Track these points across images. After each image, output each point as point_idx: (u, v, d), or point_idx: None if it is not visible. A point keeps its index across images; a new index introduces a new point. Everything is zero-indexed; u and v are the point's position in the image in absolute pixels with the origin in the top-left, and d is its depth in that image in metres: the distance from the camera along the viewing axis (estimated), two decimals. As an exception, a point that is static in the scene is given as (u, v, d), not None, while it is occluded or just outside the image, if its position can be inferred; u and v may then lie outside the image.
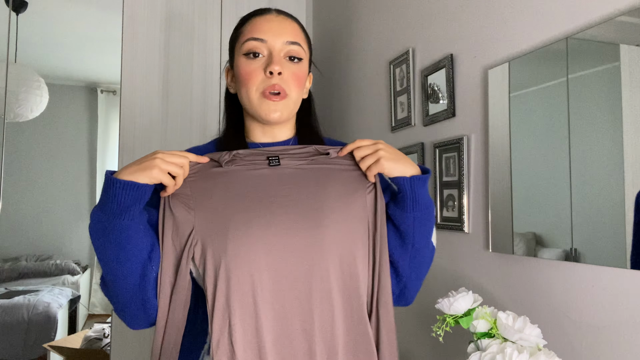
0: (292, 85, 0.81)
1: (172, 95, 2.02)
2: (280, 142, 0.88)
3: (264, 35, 0.81)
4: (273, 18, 0.83)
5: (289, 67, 0.81)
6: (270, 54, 0.81)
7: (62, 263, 4.73)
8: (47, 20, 3.57)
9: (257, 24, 0.83)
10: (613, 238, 0.89)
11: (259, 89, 0.80)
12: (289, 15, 0.87)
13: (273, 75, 0.79)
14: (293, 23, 0.85)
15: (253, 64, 0.81)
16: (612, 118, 0.89)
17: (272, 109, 0.80)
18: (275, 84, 0.79)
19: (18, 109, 3.12)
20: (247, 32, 0.83)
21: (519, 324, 0.92)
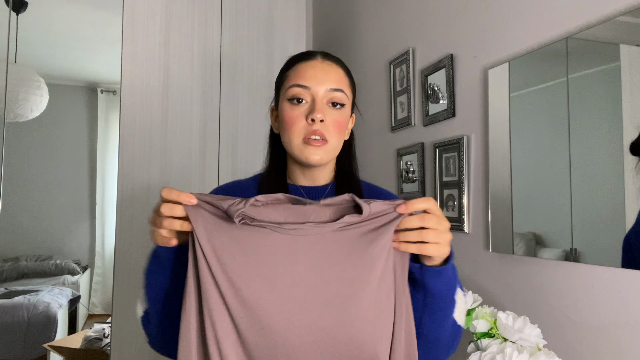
0: (332, 131, 0.83)
1: (172, 95, 2.02)
2: (320, 187, 0.90)
3: (308, 82, 0.82)
4: (318, 64, 0.84)
5: (330, 114, 0.83)
6: (313, 101, 0.82)
7: (62, 263, 4.73)
8: (47, 20, 3.57)
9: (301, 69, 0.84)
10: (613, 238, 0.89)
11: (301, 135, 0.82)
12: (334, 59, 0.87)
13: (315, 122, 0.81)
14: (338, 69, 0.86)
15: (296, 110, 0.82)
16: (612, 118, 0.89)
17: (313, 152, 0.82)
18: (316, 130, 0.81)
19: (18, 109, 3.12)
20: (291, 78, 0.85)
21: (519, 324, 0.93)
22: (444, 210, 1.41)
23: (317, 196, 0.89)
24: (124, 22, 1.97)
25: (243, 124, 2.13)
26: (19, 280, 4.44)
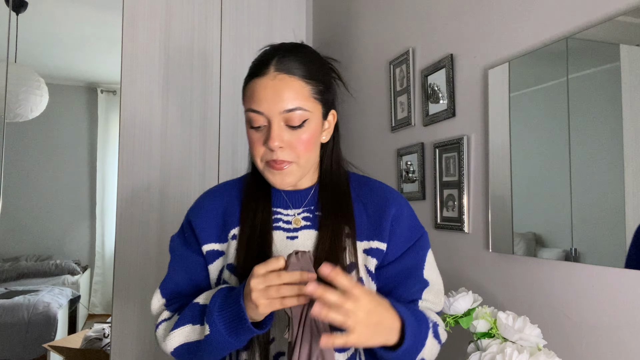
0: (298, 152, 0.78)
1: (172, 95, 2.02)
2: (303, 190, 0.87)
3: (260, 107, 0.76)
4: (269, 83, 0.76)
5: (290, 136, 0.77)
6: (269, 126, 0.77)
7: (62, 263, 4.73)
8: (47, 20, 3.57)
9: (254, 90, 0.78)
10: (613, 238, 0.89)
11: (263, 161, 0.79)
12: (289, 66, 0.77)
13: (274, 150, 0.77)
14: (292, 81, 0.76)
15: (255, 134, 0.79)
16: (612, 118, 0.89)
17: (279, 177, 0.79)
18: (276, 159, 0.77)
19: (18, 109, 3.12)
20: (247, 98, 0.80)
21: (519, 324, 0.93)
22: (444, 210, 1.41)
23: (300, 201, 0.86)
24: (124, 22, 1.97)
25: (243, 124, 2.12)
26: (19, 280, 4.45)
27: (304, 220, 0.85)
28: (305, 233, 0.84)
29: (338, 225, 0.82)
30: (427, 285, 0.86)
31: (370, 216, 0.85)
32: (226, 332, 0.72)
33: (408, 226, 0.87)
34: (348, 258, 0.81)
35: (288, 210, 0.86)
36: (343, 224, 0.82)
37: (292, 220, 0.85)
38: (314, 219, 0.85)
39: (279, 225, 0.85)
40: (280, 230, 0.84)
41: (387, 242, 0.84)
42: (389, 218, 0.85)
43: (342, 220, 0.82)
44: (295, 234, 0.84)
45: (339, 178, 0.88)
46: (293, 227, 0.84)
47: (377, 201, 0.87)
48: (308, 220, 0.85)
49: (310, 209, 0.86)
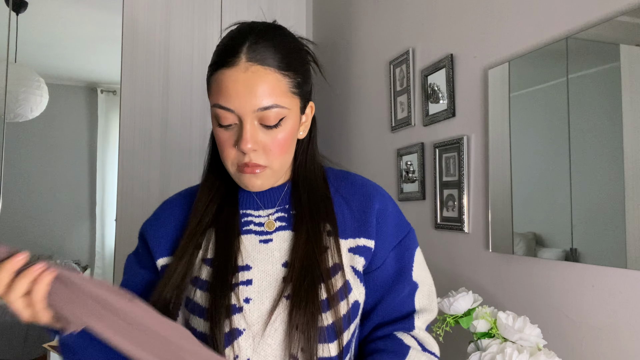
0: (272, 155, 0.69)
1: (172, 95, 2.02)
2: (275, 188, 0.78)
3: (231, 104, 0.66)
4: (240, 75, 0.65)
5: (264, 136, 0.68)
6: (240, 126, 0.67)
7: (62, 263, 4.72)
8: (47, 20, 3.57)
9: (222, 84, 0.66)
10: (613, 238, 0.89)
11: (234, 164, 0.70)
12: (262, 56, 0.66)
13: (246, 153, 0.67)
14: (266, 73, 0.66)
15: (225, 134, 0.69)
16: (612, 118, 0.89)
17: (252, 181, 0.70)
18: (248, 162, 0.68)
19: (18, 109, 3.12)
20: (214, 92, 0.68)
21: (519, 324, 0.93)
22: (444, 210, 1.41)
23: (272, 200, 0.77)
24: (124, 22, 1.97)
25: (243, 124, 2.12)
26: (19, 280, 4.44)
27: (278, 221, 0.76)
28: (281, 235, 0.74)
29: (316, 223, 0.73)
30: (416, 287, 0.78)
31: (353, 211, 0.76)
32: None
33: (394, 223, 0.78)
34: (331, 259, 0.72)
35: (260, 212, 0.77)
36: (322, 221, 0.73)
37: (264, 222, 0.76)
38: (289, 219, 0.76)
39: (250, 229, 0.75)
40: (252, 234, 0.75)
41: (374, 240, 0.75)
42: (374, 213, 0.76)
43: (321, 217, 0.74)
44: (269, 237, 0.74)
45: (314, 173, 0.79)
46: (266, 229, 0.75)
47: (359, 195, 0.78)
48: (283, 220, 0.76)
49: (285, 208, 0.77)
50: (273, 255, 0.73)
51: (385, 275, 0.77)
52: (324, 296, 0.69)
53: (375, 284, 0.76)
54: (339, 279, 0.71)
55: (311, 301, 0.68)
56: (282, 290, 0.70)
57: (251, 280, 0.71)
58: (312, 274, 0.70)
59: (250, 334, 0.68)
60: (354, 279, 0.74)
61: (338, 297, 0.70)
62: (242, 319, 0.69)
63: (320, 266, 0.70)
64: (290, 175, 0.80)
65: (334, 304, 0.69)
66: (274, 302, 0.69)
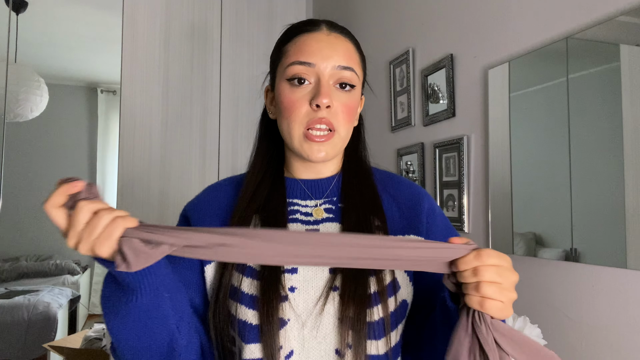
0: (341, 119, 0.70)
1: (172, 95, 2.02)
2: (324, 179, 0.77)
3: (312, 59, 0.69)
4: (323, 37, 0.71)
5: (338, 97, 0.70)
6: (319, 82, 0.69)
7: (62, 263, 4.72)
8: (47, 20, 3.57)
9: (304, 43, 0.70)
10: (613, 238, 0.89)
11: (303, 123, 0.69)
12: (342, 30, 0.74)
13: (320, 108, 0.68)
14: (347, 42, 0.72)
15: (297, 93, 0.69)
16: (612, 118, 0.89)
17: (316, 149, 0.70)
18: (322, 118, 0.68)
19: (18, 109, 3.12)
20: (291, 53, 0.71)
21: (519, 324, 0.93)
22: (444, 210, 1.41)
23: (320, 191, 0.77)
24: (124, 22, 1.97)
25: (243, 124, 2.12)
26: (19, 280, 4.44)
27: (325, 212, 0.74)
28: (328, 226, 0.73)
29: (365, 216, 0.72)
30: None
31: (402, 209, 0.76)
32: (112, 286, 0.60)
33: (443, 223, 0.78)
34: None
35: (307, 201, 0.76)
36: (371, 215, 0.73)
37: (312, 211, 0.74)
38: (336, 211, 0.74)
39: (296, 218, 0.74)
40: (298, 223, 0.73)
41: (424, 236, 0.74)
42: (424, 211, 0.76)
43: (369, 211, 0.73)
44: (316, 227, 0.73)
45: (364, 168, 0.80)
46: (313, 219, 0.74)
47: (407, 194, 0.78)
48: (330, 212, 0.74)
49: (333, 200, 0.76)
50: None
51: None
52: (373, 289, 0.67)
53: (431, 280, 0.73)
54: (387, 274, 0.69)
55: (361, 293, 0.65)
56: (329, 281, 0.67)
57: (296, 269, 0.68)
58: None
59: (296, 325, 0.66)
60: (402, 277, 0.72)
61: (387, 291, 0.68)
62: (289, 308, 0.66)
63: None
64: (340, 167, 0.80)
65: (383, 299, 0.66)
66: (321, 292, 0.67)
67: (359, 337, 0.64)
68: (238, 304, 0.68)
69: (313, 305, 0.66)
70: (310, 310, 0.66)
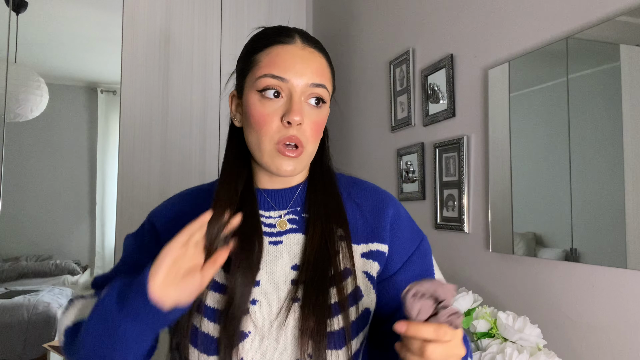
0: (309, 136, 0.69)
1: (172, 95, 2.02)
2: (288, 189, 0.76)
3: (286, 74, 0.67)
4: (298, 51, 0.69)
5: (309, 115, 0.69)
6: (291, 98, 0.67)
7: (62, 263, 4.72)
8: (47, 20, 3.57)
9: (278, 56, 0.69)
10: (613, 238, 0.89)
11: (274, 139, 0.68)
12: (315, 44, 0.73)
13: (291, 125, 0.67)
14: (320, 57, 0.72)
15: (269, 107, 0.68)
16: (612, 118, 0.89)
17: (285, 163, 0.68)
18: (292, 136, 0.67)
19: (18, 109, 3.12)
20: (264, 65, 0.69)
21: (519, 324, 0.93)
22: (444, 210, 1.41)
23: (284, 201, 0.76)
24: (124, 22, 1.97)
25: (243, 124, 2.12)
26: (19, 280, 4.44)
27: (289, 223, 0.74)
28: (291, 237, 0.72)
29: (328, 226, 0.72)
30: None
31: (365, 217, 0.76)
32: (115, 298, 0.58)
33: (409, 229, 0.77)
34: (342, 263, 0.70)
35: (270, 212, 0.75)
36: (334, 225, 0.72)
37: (275, 222, 0.74)
38: (300, 222, 0.74)
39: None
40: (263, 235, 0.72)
41: (388, 244, 0.74)
42: (388, 219, 0.76)
43: (333, 221, 0.72)
44: (279, 239, 0.72)
45: (328, 177, 0.78)
46: (277, 230, 0.73)
47: (371, 201, 0.77)
48: (294, 222, 0.74)
49: (296, 210, 0.75)
50: (282, 258, 0.71)
51: (407, 278, 0.74)
52: (334, 300, 0.67)
53: (398, 288, 0.73)
54: (349, 283, 0.69)
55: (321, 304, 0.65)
56: (291, 293, 0.67)
57: (259, 281, 0.69)
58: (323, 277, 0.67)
59: (257, 337, 0.66)
60: (365, 286, 0.72)
61: (348, 301, 0.68)
62: (249, 321, 0.66)
63: (331, 269, 0.68)
64: (305, 176, 0.79)
65: (344, 308, 0.67)
66: (282, 304, 0.67)
67: (319, 347, 0.64)
68: (202, 317, 0.68)
69: (274, 318, 0.67)
70: (271, 322, 0.67)
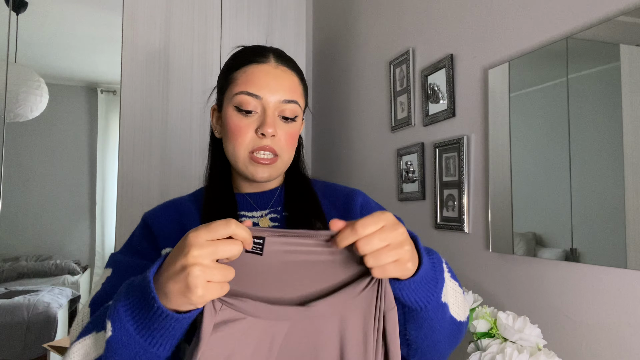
0: (284, 145, 0.77)
1: (172, 95, 2.02)
2: (268, 192, 0.83)
3: (260, 92, 0.75)
4: (271, 70, 0.77)
5: (282, 127, 0.77)
6: (264, 112, 0.75)
7: (62, 263, 4.72)
8: (47, 20, 3.57)
9: (252, 75, 0.76)
10: (613, 238, 0.89)
11: (248, 148, 0.76)
12: (288, 62, 0.80)
13: (265, 136, 0.75)
14: (292, 75, 0.79)
15: (244, 120, 0.75)
16: (612, 118, 0.89)
17: (261, 170, 0.76)
18: (266, 146, 0.75)
19: (18, 109, 3.12)
20: (240, 82, 0.76)
21: (519, 324, 0.93)
22: (444, 210, 1.41)
23: (265, 202, 0.83)
24: (124, 22, 1.97)
25: (243, 124, 2.12)
26: (19, 280, 4.44)
27: (271, 221, 0.81)
28: None
29: (308, 221, 0.78)
30: None
31: (339, 210, 0.83)
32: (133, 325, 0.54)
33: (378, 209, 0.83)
34: None
35: (253, 212, 0.82)
36: (313, 219, 0.78)
37: (258, 221, 0.81)
38: (281, 219, 0.81)
39: None
40: None
41: None
42: (357, 205, 0.83)
43: (312, 215, 0.79)
44: None
45: (303, 179, 0.87)
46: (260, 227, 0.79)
47: (342, 196, 0.86)
48: (276, 221, 0.81)
49: (277, 210, 0.82)
50: None
51: None
52: None
53: None
54: None
55: None
56: None
57: None
58: None
59: None
60: None
61: None
62: None
63: None
64: (281, 180, 0.86)
65: None
66: None
67: None
68: None
69: None
70: None
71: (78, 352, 0.60)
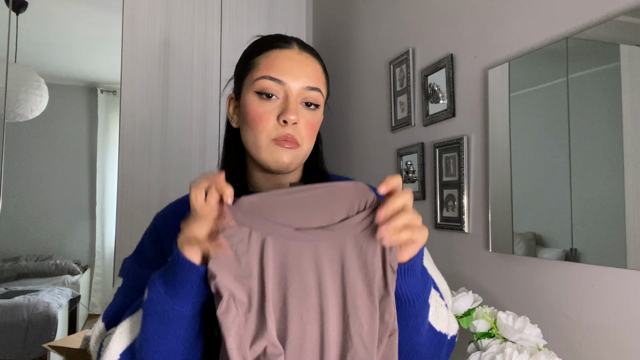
0: (305, 135, 0.73)
1: (172, 95, 2.02)
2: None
3: (283, 76, 0.71)
4: (295, 56, 0.73)
5: (304, 115, 0.73)
6: (287, 99, 0.71)
7: (62, 263, 4.72)
8: (47, 20, 3.57)
9: (275, 59, 0.73)
10: (613, 238, 0.89)
11: (270, 136, 0.71)
12: (311, 51, 0.77)
13: (287, 124, 0.71)
14: (315, 63, 0.76)
15: (265, 106, 0.71)
16: (612, 118, 0.89)
17: (284, 153, 0.72)
18: (288, 134, 0.71)
19: (18, 109, 3.12)
20: (262, 67, 0.73)
21: (519, 324, 0.93)
22: (444, 210, 1.41)
23: None
24: (124, 22, 1.97)
25: (243, 124, 2.12)
26: (19, 280, 4.44)
27: None
28: None
29: None
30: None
31: None
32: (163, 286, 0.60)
33: None
34: None
35: None
36: None
37: None
38: None
39: None
40: None
41: None
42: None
43: None
44: None
45: (323, 174, 0.83)
46: None
47: None
48: None
49: None
50: None
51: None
52: None
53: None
54: None
55: None
56: None
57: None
58: None
59: None
60: None
61: None
62: None
63: None
64: (300, 176, 0.83)
65: None
66: None
67: None
68: None
69: None
70: None
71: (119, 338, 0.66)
